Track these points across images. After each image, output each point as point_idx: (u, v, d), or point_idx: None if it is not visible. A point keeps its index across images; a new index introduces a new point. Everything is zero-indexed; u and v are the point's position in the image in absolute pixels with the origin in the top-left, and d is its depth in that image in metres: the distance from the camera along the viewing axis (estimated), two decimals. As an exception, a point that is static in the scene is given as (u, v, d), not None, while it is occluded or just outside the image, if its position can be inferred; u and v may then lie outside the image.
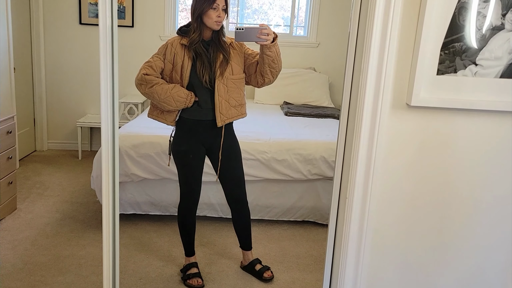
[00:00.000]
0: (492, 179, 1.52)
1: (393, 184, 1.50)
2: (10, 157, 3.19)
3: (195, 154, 2.45)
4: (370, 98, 1.37)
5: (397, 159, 1.48)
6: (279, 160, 3.15)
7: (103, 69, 1.55)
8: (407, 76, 1.41)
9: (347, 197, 1.46)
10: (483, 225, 1.57)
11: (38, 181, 3.93)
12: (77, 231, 3.07)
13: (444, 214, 1.56)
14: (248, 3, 5.09)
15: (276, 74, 2.33)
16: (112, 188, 1.71)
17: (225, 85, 2.33)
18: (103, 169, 1.73)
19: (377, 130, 1.39)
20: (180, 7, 4.93)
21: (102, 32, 1.51)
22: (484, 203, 1.55)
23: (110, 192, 1.70)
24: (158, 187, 3.19)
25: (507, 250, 1.61)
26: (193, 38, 2.30)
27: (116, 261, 1.85)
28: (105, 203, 1.72)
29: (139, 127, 3.33)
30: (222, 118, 2.35)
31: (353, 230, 1.49)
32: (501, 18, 1.36)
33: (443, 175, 1.51)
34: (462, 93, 1.40)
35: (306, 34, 4.93)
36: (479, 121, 1.45)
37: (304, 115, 4.07)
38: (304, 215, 3.33)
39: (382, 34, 1.34)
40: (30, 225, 3.11)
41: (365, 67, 1.36)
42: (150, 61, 2.36)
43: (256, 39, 2.14)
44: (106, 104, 1.60)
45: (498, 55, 1.37)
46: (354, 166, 1.43)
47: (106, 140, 1.65)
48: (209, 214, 3.26)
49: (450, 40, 1.36)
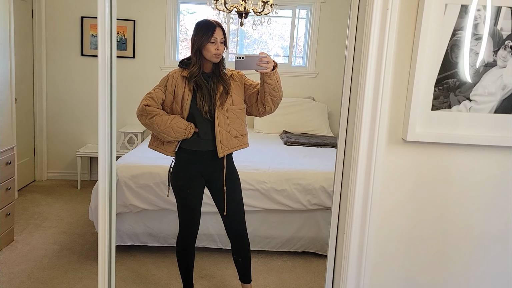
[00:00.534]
0: (489, 214, 1.52)
1: (391, 218, 1.49)
2: (8, 188, 3.19)
3: (194, 185, 2.45)
4: (366, 134, 1.38)
5: (394, 193, 1.48)
6: (278, 190, 3.14)
7: (101, 99, 1.57)
8: (402, 112, 1.42)
9: (345, 232, 1.45)
10: (482, 260, 1.56)
11: (36, 212, 3.90)
12: (74, 263, 3.03)
13: (443, 249, 1.54)
14: (247, 34, 5.18)
15: (277, 102, 2.34)
16: (108, 219, 1.70)
17: (225, 115, 2.34)
18: (99, 199, 1.72)
19: (374, 165, 1.40)
20: (181, 37, 5.02)
21: (101, 62, 1.54)
22: (481, 237, 1.54)
23: (106, 223, 1.69)
24: (157, 218, 3.17)
25: (507, 285, 1.58)
26: (193, 71, 2.33)
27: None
28: (101, 234, 1.70)
29: (138, 158, 3.33)
30: (223, 148, 2.36)
31: (352, 265, 1.47)
32: (493, 55, 1.38)
33: (440, 209, 1.50)
34: (457, 128, 1.42)
35: (305, 64, 5.00)
36: (475, 156, 1.46)
37: (304, 144, 4.08)
38: (304, 246, 3.29)
39: (376, 71, 1.36)
40: (27, 257, 3.07)
41: (360, 103, 1.37)
42: (151, 93, 2.39)
43: (256, 67, 2.16)
44: (103, 134, 1.61)
45: (491, 91, 1.39)
46: (351, 201, 1.43)
47: (103, 170, 1.65)
48: (208, 245, 3.23)
49: (443, 76, 1.38)
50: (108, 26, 1.56)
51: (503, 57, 1.37)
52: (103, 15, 1.52)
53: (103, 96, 1.57)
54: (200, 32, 2.29)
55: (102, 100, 1.57)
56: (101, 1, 1.51)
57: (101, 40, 1.54)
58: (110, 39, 1.57)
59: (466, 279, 1.58)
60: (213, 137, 2.36)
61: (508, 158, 1.46)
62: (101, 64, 1.54)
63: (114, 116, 1.67)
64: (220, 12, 3.70)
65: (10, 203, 3.21)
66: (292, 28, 4.98)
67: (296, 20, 4.99)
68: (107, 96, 1.58)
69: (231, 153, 2.45)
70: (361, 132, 1.38)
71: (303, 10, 4.98)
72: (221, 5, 3.55)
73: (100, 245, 1.72)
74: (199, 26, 2.31)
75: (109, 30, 1.58)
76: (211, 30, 2.26)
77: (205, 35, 2.26)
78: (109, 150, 1.65)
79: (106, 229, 1.71)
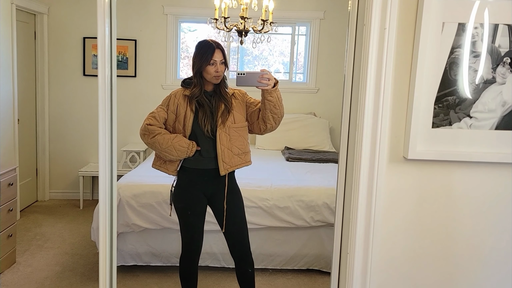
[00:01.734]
0: (493, 231, 1.50)
1: (394, 238, 1.48)
2: (10, 210, 3.18)
3: (196, 205, 2.44)
4: (367, 153, 1.38)
5: (396, 212, 1.46)
6: (281, 207, 3.12)
7: (101, 118, 1.58)
8: (402, 130, 1.42)
9: (348, 252, 1.43)
10: (487, 277, 1.53)
11: (38, 233, 3.89)
12: (76, 284, 3.01)
13: (447, 268, 1.52)
14: (248, 50, 5.22)
15: (278, 120, 2.34)
16: (109, 239, 1.69)
17: (227, 133, 2.35)
18: (100, 219, 1.71)
19: (376, 184, 1.39)
20: (182, 55, 5.06)
21: (101, 82, 1.55)
22: (487, 255, 1.52)
23: (107, 243, 1.68)
24: (159, 237, 3.15)
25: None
26: (194, 92, 2.34)
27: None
28: (102, 255, 1.69)
29: (140, 176, 3.33)
30: (225, 166, 2.36)
31: (356, 285, 1.45)
32: (492, 72, 1.39)
33: (443, 227, 1.49)
34: (458, 146, 1.41)
35: (306, 80, 5.02)
36: (477, 173, 1.45)
37: (306, 160, 4.07)
38: (308, 263, 3.26)
39: (376, 90, 1.36)
40: (29, 279, 3.05)
41: (360, 122, 1.37)
42: (154, 112, 2.41)
43: (256, 84, 2.16)
44: (103, 153, 1.61)
45: (491, 107, 1.39)
46: (354, 221, 1.42)
47: (103, 190, 1.64)
48: (211, 264, 3.20)
49: (443, 94, 1.38)
50: (108, 46, 1.58)
51: (502, 74, 1.38)
52: (103, 35, 1.53)
53: (103, 116, 1.58)
54: (199, 54, 2.30)
55: (102, 119, 1.58)
56: (101, 22, 1.53)
57: (101, 60, 1.55)
58: (110, 59, 1.59)
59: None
60: (215, 155, 2.36)
61: (510, 174, 1.45)
62: (101, 84, 1.55)
63: (115, 135, 1.67)
64: (220, 31, 3.73)
65: (12, 224, 3.20)
66: (292, 45, 5.02)
67: (296, 36, 5.03)
68: (107, 116, 1.59)
69: (233, 171, 2.45)
70: (362, 151, 1.37)
71: (302, 27, 5.03)
72: (221, 24, 3.58)
73: (101, 266, 1.70)
74: (198, 48, 2.33)
75: (109, 50, 1.59)
76: (210, 52, 2.28)
77: (204, 57, 2.28)
78: (109, 169, 1.65)
79: (107, 249, 1.69)
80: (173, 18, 4.82)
